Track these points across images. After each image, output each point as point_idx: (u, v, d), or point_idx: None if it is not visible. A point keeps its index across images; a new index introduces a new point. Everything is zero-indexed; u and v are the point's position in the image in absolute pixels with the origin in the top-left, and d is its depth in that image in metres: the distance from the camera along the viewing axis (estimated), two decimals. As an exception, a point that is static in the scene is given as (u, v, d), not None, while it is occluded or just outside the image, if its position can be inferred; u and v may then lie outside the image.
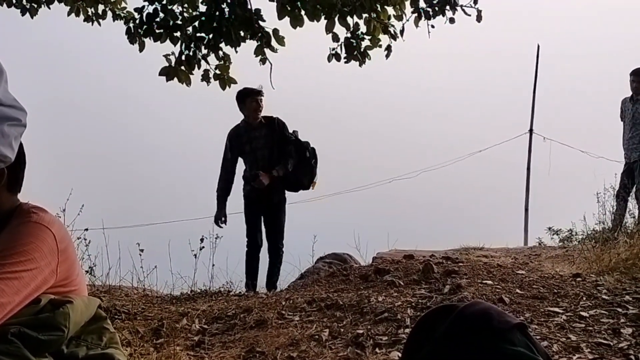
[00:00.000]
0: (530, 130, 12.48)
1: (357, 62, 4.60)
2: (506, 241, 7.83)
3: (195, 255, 4.70)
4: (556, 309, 3.28)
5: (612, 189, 6.19)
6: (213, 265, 4.67)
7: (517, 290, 3.69)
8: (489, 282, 3.92)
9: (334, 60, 4.62)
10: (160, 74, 4.21)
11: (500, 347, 1.56)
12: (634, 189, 6.03)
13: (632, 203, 6.14)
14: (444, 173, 13.02)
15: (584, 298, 3.47)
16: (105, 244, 4.78)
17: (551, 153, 11.61)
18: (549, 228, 11.24)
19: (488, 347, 1.56)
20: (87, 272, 4.75)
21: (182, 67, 4.22)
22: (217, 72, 4.47)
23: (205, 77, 4.45)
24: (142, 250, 4.82)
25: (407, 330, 3.05)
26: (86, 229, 4.67)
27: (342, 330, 3.12)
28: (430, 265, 4.16)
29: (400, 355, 2.74)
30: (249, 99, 4.74)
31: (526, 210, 12.12)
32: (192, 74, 4.33)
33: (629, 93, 6.23)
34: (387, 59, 4.58)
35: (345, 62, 4.60)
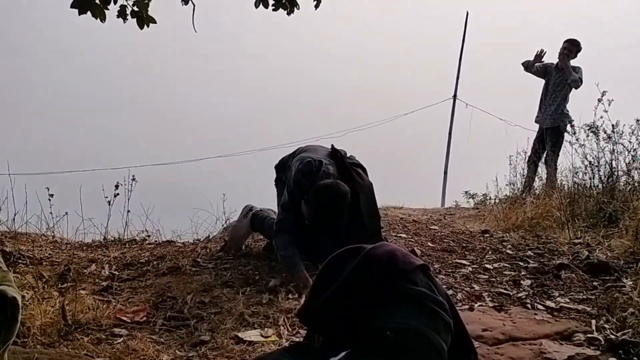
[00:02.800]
0: (454, 97, 12.84)
1: (285, 11, 4.47)
2: (424, 202, 8.09)
3: (109, 202, 4.50)
4: (463, 261, 3.43)
5: (524, 153, 6.41)
6: (128, 211, 4.49)
7: (429, 244, 3.83)
8: (403, 235, 4.05)
9: (261, 7, 4.45)
10: (72, 6, 3.90)
11: (403, 287, 1.60)
12: (544, 154, 6.31)
13: (541, 167, 6.43)
14: (369, 134, 13.20)
15: (490, 252, 3.65)
16: (10, 187, 4.49)
17: (472, 119, 12.03)
18: (466, 192, 11.72)
19: (392, 286, 1.60)
20: (-11, 216, 4.45)
21: (97, 1, 3.93)
22: (135, 9, 4.20)
23: (122, 14, 4.16)
24: (51, 196, 4.57)
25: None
26: (-15, 167, 4.34)
27: (257, 278, 3.12)
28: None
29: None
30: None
31: (445, 173, 12.57)
32: (108, 9, 4.04)
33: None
34: (316, 9, 4.46)
35: (274, 10, 4.45)
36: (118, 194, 4.56)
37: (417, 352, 1.52)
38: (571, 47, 6.26)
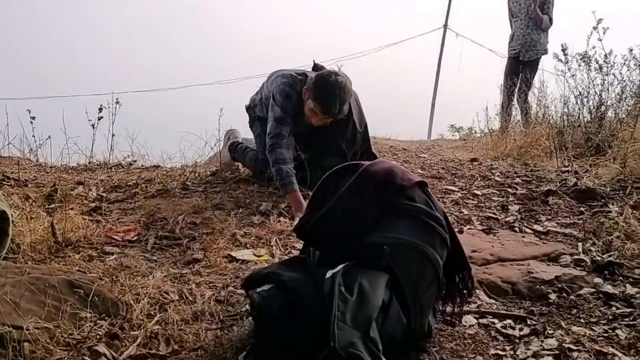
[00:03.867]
0: (445, 26, 12.57)
1: None
2: (411, 134, 8.06)
3: (93, 125, 4.39)
4: (452, 188, 3.45)
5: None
6: (113, 135, 4.39)
7: (419, 171, 3.83)
8: (393, 162, 4.03)
9: None
10: None
11: (401, 202, 1.59)
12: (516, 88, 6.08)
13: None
14: (358, 63, 12.98)
15: (479, 179, 3.66)
16: (-10, 109, 4.34)
17: (462, 50, 11.85)
18: (451, 125, 11.76)
19: (390, 201, 1.59)
20: (-30, 138, 4.34)
21: None
22: None
23: None
24: (33, 118, 4.45)
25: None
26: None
27: (248, 201, 3.10)
28: (338, 145, 4.17)
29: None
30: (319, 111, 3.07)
31: (432, 105, 12.52)
32: None
33: None
34: None
35: None
36: (102, 117, 4.44)
37: (413, 265, 1.53)
38: None
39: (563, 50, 5.30)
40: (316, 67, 3.37)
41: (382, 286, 1.42)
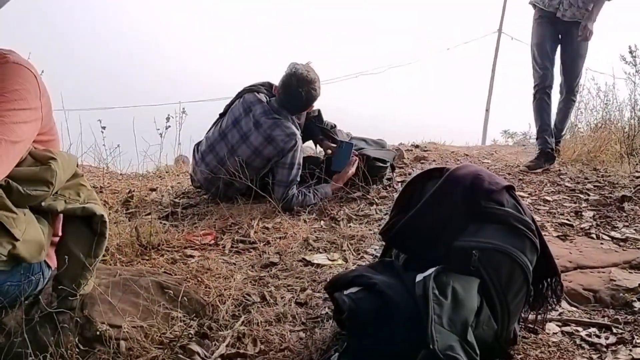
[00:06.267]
0: (499, 30, 12.33)
1: None
2: (466, 140, 7.94)
3: (160, 134, 4.54)
4: (521, 193, 3.38)
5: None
6: (179, 143, 4.54)
7: (485, 176, 3.77)
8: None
9: None
10: None
11: (489, 207, 1.59)
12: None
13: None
14: (410, 70, 12.87)
15: (548, 185, 3.58)
16: (64, 118, 4.56)
17: (518, 54, 11.58)
18: (505, 131, 11.56)
19: (478, 206, 1.58)
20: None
21: None
22: None
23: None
24: (104, 128, 4.64)
25: (379, 208, 3.10)
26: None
27: (315, 207, 3.14)
28: (401, 151, 4.18)
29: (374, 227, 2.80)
30: None
31: (487, 111, 12.27)
32: None
33: None
34: None
35: None
36: (169, 126, 4.60)
37: (502, 270, 1.52)
38: None
39: (631, 52, 5.13)
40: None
41: (475, 291, 1.42)
